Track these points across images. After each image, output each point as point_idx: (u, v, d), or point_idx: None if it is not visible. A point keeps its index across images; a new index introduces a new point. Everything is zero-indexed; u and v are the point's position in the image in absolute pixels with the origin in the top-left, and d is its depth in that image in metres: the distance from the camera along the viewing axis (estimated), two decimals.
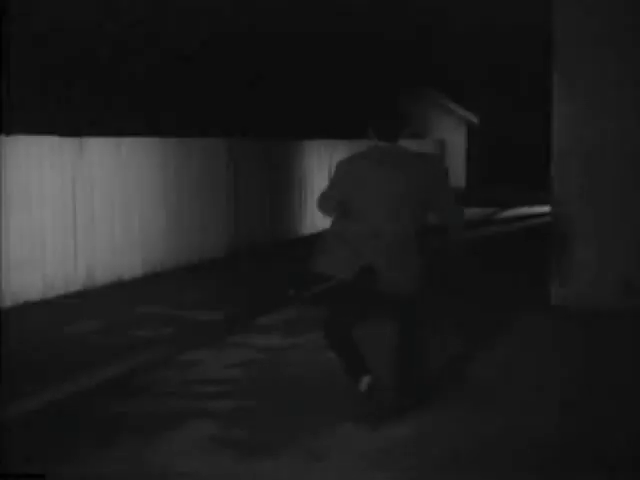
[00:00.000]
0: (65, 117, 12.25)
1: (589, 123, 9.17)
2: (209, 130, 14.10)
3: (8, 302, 9.24)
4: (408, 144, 24.81)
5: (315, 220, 16.35)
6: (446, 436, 5.37)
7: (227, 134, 14.43)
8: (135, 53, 15.11)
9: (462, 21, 29.82)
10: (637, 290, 9.08)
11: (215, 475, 4.81)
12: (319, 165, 17.11)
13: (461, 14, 29.19)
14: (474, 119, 31.65)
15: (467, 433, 5.43)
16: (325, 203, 5.71)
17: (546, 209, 12.45)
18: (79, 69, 13.95)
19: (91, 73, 14.29)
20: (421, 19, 27.03)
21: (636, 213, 9.11)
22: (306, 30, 19.92)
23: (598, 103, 9.14)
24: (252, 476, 4.79)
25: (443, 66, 30.75)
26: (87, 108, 13.68)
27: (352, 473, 4.82)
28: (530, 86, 29.58)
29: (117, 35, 14.67)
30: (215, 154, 13.34)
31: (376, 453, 5.09)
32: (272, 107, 19.15)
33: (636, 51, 9.04)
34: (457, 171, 30.59)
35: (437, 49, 30.40)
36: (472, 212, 21.22)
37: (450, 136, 29.77)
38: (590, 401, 6.12)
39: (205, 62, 16.96)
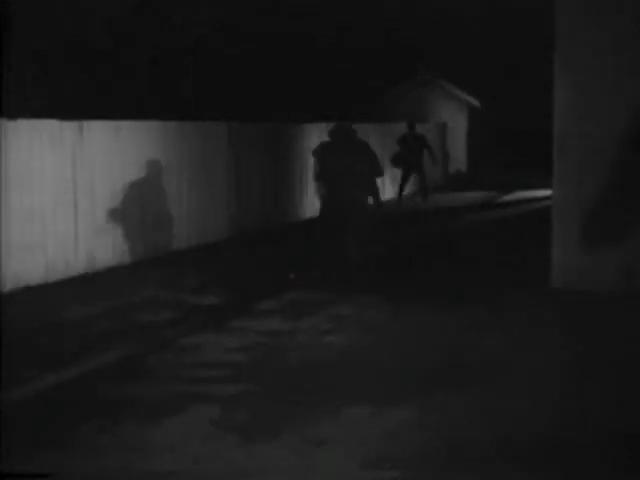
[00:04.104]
0: (64, 104, 12.23)
1: (589, 108, 9.21)
2: (209, 115, 14.08)
3: (9, 286, 9.23)
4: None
5: (315, 203, 16.28)
6: (449, 422, 5.37)
7: (227, 118, 14.39)
8: (138, 42, 15.08)
9: (464, 5, 29.69)
10: (638, 274, 9.08)
11: (216, 460, 4.81)
12: None
13: None
14: (476, 103, 31.57)
15: (468, 420, 5.43)
16: None
17: (547, 193, 12.43)
18: (79, 57, 13.93)
19: (91, 61, 14.27)
20: (423, 5, 26.94)
21: (636, 196, 9.11)
22: (308, 22, 19.92)
23: (598, 89, 9.21)
24: (253, 461, 4.79)
25: (445, 50, 30.63)
26: (86, 95, 13.67)
27: (353, 459, 4.82)
28: (532, 70, 29.48)
29: (119, 23, 14.64)
30: (215, 138, 13.30)
31: (378, 439, 5.09)
32: (273, 92, 19.14)
33: (635, 43, 9.14)
34: (459, 155, 30.54)
35: (439, 33, 30.28)
36: (474, 195, 21.19)
37: (452, 120, 29.68)
38: (590, 390, 6.13)
39: (206, 50, 16.94)
